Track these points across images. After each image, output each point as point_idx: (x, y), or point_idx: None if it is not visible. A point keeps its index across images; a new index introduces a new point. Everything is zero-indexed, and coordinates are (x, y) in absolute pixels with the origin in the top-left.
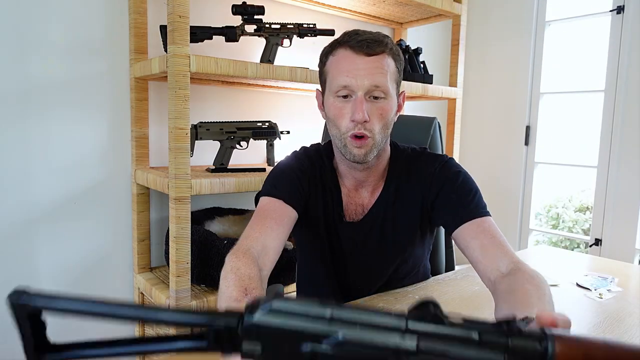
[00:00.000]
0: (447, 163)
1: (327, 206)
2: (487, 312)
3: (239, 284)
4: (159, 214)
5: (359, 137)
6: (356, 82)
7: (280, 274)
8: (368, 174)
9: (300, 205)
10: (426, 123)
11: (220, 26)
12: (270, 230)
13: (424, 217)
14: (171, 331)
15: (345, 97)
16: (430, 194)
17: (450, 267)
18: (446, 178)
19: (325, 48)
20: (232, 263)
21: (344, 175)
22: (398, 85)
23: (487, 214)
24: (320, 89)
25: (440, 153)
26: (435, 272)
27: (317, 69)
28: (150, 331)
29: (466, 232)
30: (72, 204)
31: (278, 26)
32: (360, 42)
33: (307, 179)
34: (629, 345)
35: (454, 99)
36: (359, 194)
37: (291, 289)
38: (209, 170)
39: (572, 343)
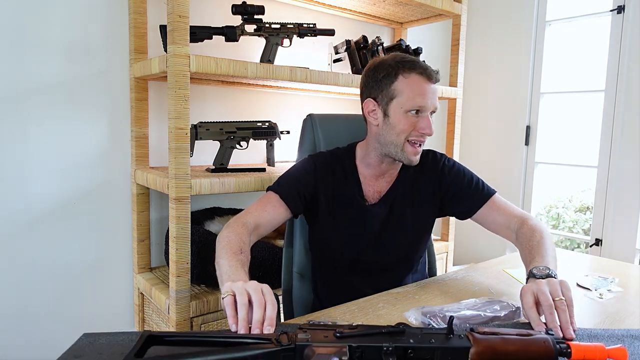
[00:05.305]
0: (445, 159)
1: (348, 191)
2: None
3: (229, 249)
4: (159, 214)
5: (418, 145)
6: (428, 104)
7: (277, 274)
8: (393, 166)
9: (296, 204)
10: None
11: (220, 26)
12: (265, 213)
13: (435, 207)
14: (171, 326)
15: (414, 113)
16: (441, 187)
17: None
18: (451, 173)
19: (394, 64)
20: (227, 232)
21: (371, 166)
22: None
23: (493, 192)
24: (374, 98)
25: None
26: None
27: (317, 69)
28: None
29: (484, 213)
30: (71, 204)
31: (278, 26)
32: (427, 70)
33: (322, 174)
34: (518, 339)
35: (454, 99)
36: (378, 182)
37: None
38: (208, 170)
39: (483, 341)
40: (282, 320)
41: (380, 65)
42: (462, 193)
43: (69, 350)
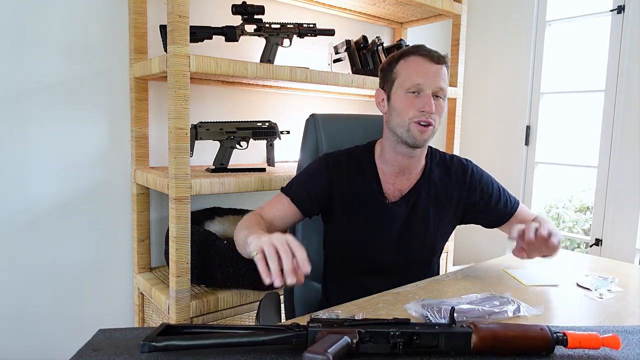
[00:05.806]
0: (473, 166)
1: (366, 188)
2: None
3: (248, 224)
4: (159, 214)
5: (424, 124)
6: (427, 82)
7: None
8: (411, 161)
9: (307, 207)
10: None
11: (220, 26)
12: (278, 212)
13: (459, 211)
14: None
15: (413, 93)
16: (468, 196)
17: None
18: (480, 183)
19: (394, 55)
20: (243, 220)
21: (388, 162)
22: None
23: (518, 204)
24: (382, 88)
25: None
26: None
27: (317, 69)
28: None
29: (510, 225)
30: (71, 204)
31: (278, 26)
32: (430, 53)
33: (335, 172)
34: (517, 326)
35: (454, 99)
36: (399, 179)
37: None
38: (209, 170)
39: (484, 327)
40: (284, 320)
41: (389, 57)
42: (489, 205)
43: (86, 345)
